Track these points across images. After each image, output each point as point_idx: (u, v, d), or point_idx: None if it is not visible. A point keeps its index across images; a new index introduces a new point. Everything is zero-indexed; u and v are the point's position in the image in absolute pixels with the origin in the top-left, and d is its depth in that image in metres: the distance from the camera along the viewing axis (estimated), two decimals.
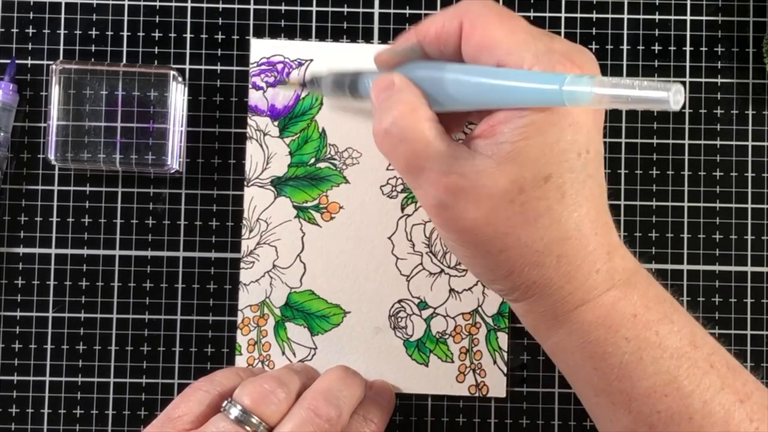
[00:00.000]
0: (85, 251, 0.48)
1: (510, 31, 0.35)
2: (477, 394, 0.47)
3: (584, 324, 0.37)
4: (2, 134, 0.47)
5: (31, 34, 0.48)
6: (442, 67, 0.37)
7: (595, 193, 0.36)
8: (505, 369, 0.47)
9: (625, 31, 0.48)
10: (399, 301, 0.47)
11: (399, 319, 0.47)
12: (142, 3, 0.48)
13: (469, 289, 0.47)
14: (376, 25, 0.48)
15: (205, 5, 0.48)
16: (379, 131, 0.36)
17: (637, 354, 0.36)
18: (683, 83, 0.48)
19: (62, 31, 0.48)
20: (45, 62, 0.48)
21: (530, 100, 0.33)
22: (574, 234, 0.35)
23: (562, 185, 0.35)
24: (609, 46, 0.48)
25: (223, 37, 0.48)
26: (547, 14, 0.48)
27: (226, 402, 0.40)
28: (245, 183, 0.48)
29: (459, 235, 0.36)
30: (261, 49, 0.48)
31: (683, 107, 0.28)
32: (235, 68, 0.48)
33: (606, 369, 0.37)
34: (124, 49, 0.48)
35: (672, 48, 0.48)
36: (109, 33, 0.48)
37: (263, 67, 0.48)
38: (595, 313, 0.36)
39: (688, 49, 0.48)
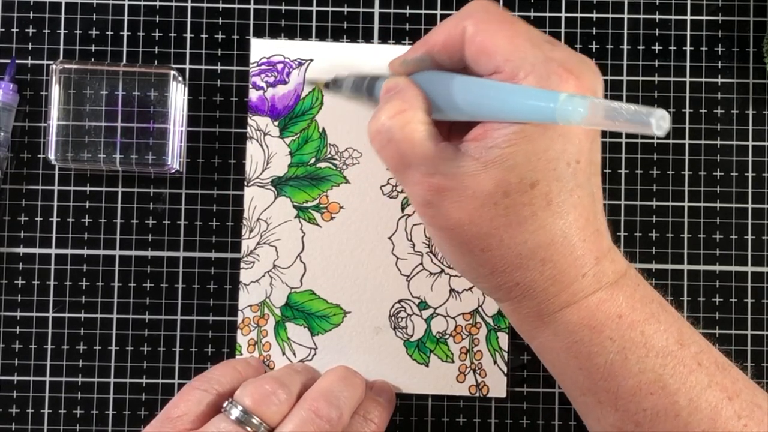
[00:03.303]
0: (85, 251, 0.47)
1: (510, 37, 0.36)
2: (477, 394, 0.47)
3: (569, 325, 0.37)
4: (2, 134, 0.47)
5: (31, 34, 0.48)
6: (443, 77, 0.38)
7: (584, 202, 0.36)
8: (505, 369, 0.47)
9: (625, 31, 0.48)
10: (399, 301, 0.47)
11: (399, 319, 0.47)
12: (142, 3, 0.48)
13: (470, 289, 0.47)
14: (376, 25, 0.48)
15: (205, 5, 0.48)
16: (371, 129, 0.37)
17: (622, 354, 0.37)
18: (683, 84, 0.48)
19: (62, 31, 0.48)
20: (45, 62, 0.48)
21: (524, 116, 0.34)
22: (560, 240, 0.36)
23: (549, 193, 0.35)
24: (609, 46, 0.48)
25: (223, 37, 0.48)
26: (547, 14, 0.48)
27: (226, 402, 0.40)
28: (245, 183, 0.48)
29: (443, 233, 0.37)
30: (261, 49, 0.48)
31: (666, 130, 0.29)
32: (235, 68, 0.48)
33: (592, 369, 0.37)
34: (124, 49, 0.48)
35: (672, 48, 0.48)
36: (109, 33, 0.48)
37: (263, 67, 0.48)
38: (579, 314, 0.37)
39: (688, 49, 0.48)
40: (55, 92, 0.46)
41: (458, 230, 0.36)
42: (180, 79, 0.47)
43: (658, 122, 0.29)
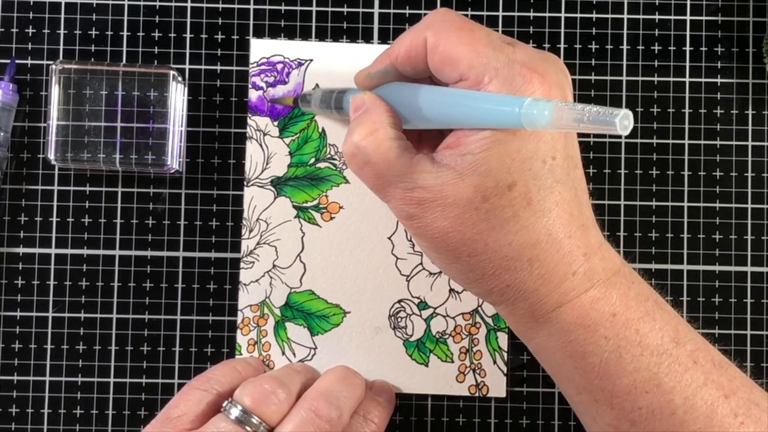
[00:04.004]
0: (85, 251, 0.48)
1: (470, 44, 0.36)
2: (477, 394, 0.47)
3: (563, 324, 0.37)
4: (2, 134, 0.47)
5: (31, 34, 0.48)
6: (409, 89, 0.39)
7: (566, 198, 0.36)
8: (505, 369, 0.47)
9: (625, 31, 0.48)
10: (399, 301, 0.47)
11: (399, 319, 0.47)
12: (142, 3, 0.48)
13: None
14: (376, 25, 0.48)
15: (205, 5, 0.48)
16: (346, 152, 0.38)
17: (616, 352, 0.37)
18: (682, 84, 0.48)
19: (62, 31, 0.48)
20: (45, 62, 0.48)
21: (491, 122, 0.35)
22: (545, 238, 0.36)
23: (527, 192, 0.36)
24: (609, 46, 0.48)
25: (223, 37, 0.48)
26: (547, 14, 0.48)
27: (226, 402, 0.40)
28: (245, 183, 0.48)
29: (430, 243, 0.38)
30: (261, 49, 0.48)
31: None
32: (235, 68, 0.48)
33: (587, 368, 0.38)
34: (124, 49, 0.48)
35: (672, 48, 0.48)
36: (109, 33, 0.48)
37: (263, 67, 0.48)
38: (573, 313, 0.37)
39: (688, 49, 0.48)
40: (55, 92, 0.46)
41: (443, 238, 0.37)
42: (180, 79, 0.47)
43: (621, 122, 0.30)
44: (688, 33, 0.49)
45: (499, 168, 0.35)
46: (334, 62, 0.48)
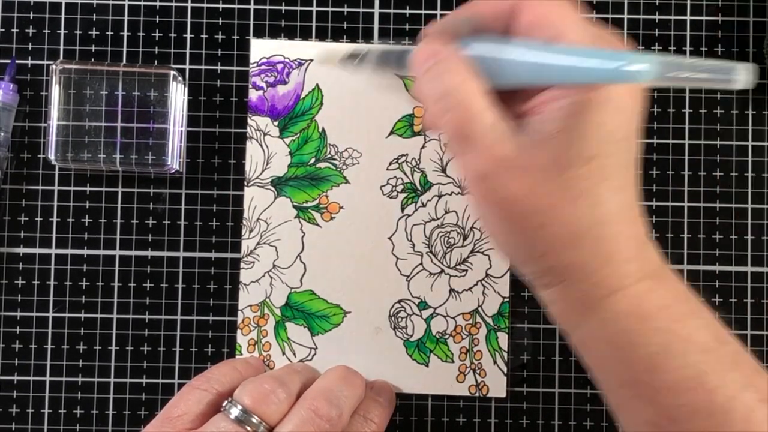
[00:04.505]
0: (85, 251, 0.48)
1: (562, 13, 0.35)
2: (477, 394, 0.47)
3: (615, 313, 0.36)
4: (2, 134, 0.47)
5: (31, 34, 0.48)
6: (497, 41, 0.36)
7: (634, 181, 0.36)
8: (505, 369, 0.47)
9: (625, 31, 0.49)
10: (399, 301, 0.47)
11: (399, 319, 0.47)
12: (142, 3, 0.48)
13: (469, 289, 0.47)
14: (376, 25, 0.48)
15: (205, 5, 0.48)
16: (430, 98, 0.36)
17: (665, 346, 0.36)
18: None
19: (62, 31, 0.48)
20: (45, 62, 0.48)
21: (590, 76, 0.32)
22: (614, 218, 0.35)
23: (605, 167, 0.34)
24: None
25: (223, 37, 0.48)
26: None
27: (226, 402, 0.40)
28: (245, 183, 0.48)
29: (497, 209, 0.36)
30: (261, 49, 0.48)
31: (738, 87, 0.28)
32: (235, 68, 0.48)
33: (634, 360, 0.36)
34: (124, 49, 0.48)
35: (672, 48, 0.48)
36: (109, 33, 0.48)
37: (263, 67, 0.48)
38: (627, 301, 0.36)
39: (688, 49, 0.48)
40: (55, 92, 0.46)
41: (514, 205, 0.35)
42: (180, 79, 0.47)
43: (736, 75, 0.28)
44: (688, 33, 0.49)
45: (581, 139, 0.34)
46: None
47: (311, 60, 0.48)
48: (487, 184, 0.35)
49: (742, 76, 0.28)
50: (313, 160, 0.48)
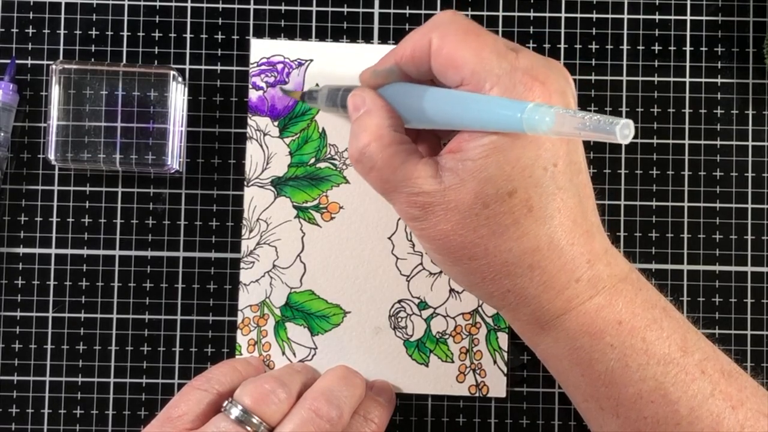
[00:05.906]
0: (85, 251, 0.47)
1: (475, 49, 0.36)
2: (477, 394, 0.47)
3: (569, 332, 0.37)
4: (2, 134, 0.47)
5: (31, 34, 0.48)
6: (413, 89, 0.39)
7: (569, 204, 0.36)
8: (505, 369, 0.47)
9: (625, 31, 0.49)
10: (399, 301, 0.47)
11: (399, 319, 0.47)
12: (142, 3, 0.48)
13: None
14: (376, 25, 0.48)
15: (205, 5, 0.48)
16: (352, 158, 0.39)
17: (622, 361, 0.37)
18: (682, 84, 0.48)
19: (62, 31, 0.48)
20: (45, 62, 0.48)
21: (492, 125, 0.35)
22: (546, 245, 0.36)
23: (528, 200, 0.36)
24: (609, 46, 0.48)
25: (223, 37, 0.48)
26: (547, 14, 0.48)
27: (226, 402, 0.40)
28: (245, 183, 0.48)
29: (432, 244, 0.38)
30: (261, 49, 0.48)
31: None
32: (235, 68, 0.48)
33: (593, 375, 0.37)
34: (124, 49, 0.48)
35: (672, 48, 0.48)
36: (109, 33, 0.48)
37: (263, 67, 0.48)
38: (578, 321, 0.37)
39: (688, 49, 0.48)
40: (55, 92, 0.46)
41: (445, 241, 0.37)
42: (180, 79, 0.47)
43: (621, 131, 0.30)
44: (688, 33, 0.49)
45: (499, 175, 0.35)
46: (335, 62, 0.48)
47: (311, 60, 0.48)
48: (419, 226, 0.38)
49: (623, 131, 0.30)
50: (313, 160, 0.48)
